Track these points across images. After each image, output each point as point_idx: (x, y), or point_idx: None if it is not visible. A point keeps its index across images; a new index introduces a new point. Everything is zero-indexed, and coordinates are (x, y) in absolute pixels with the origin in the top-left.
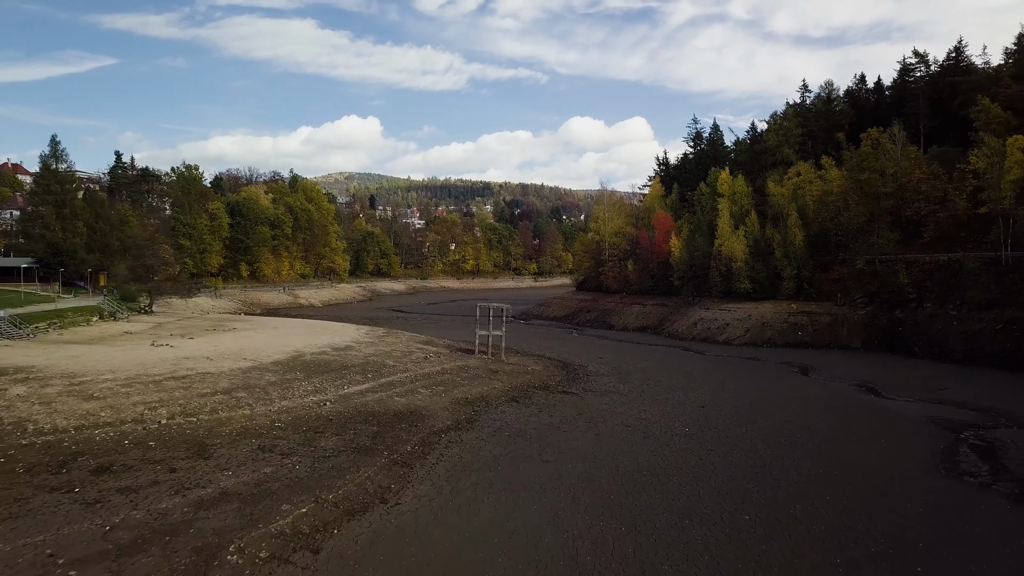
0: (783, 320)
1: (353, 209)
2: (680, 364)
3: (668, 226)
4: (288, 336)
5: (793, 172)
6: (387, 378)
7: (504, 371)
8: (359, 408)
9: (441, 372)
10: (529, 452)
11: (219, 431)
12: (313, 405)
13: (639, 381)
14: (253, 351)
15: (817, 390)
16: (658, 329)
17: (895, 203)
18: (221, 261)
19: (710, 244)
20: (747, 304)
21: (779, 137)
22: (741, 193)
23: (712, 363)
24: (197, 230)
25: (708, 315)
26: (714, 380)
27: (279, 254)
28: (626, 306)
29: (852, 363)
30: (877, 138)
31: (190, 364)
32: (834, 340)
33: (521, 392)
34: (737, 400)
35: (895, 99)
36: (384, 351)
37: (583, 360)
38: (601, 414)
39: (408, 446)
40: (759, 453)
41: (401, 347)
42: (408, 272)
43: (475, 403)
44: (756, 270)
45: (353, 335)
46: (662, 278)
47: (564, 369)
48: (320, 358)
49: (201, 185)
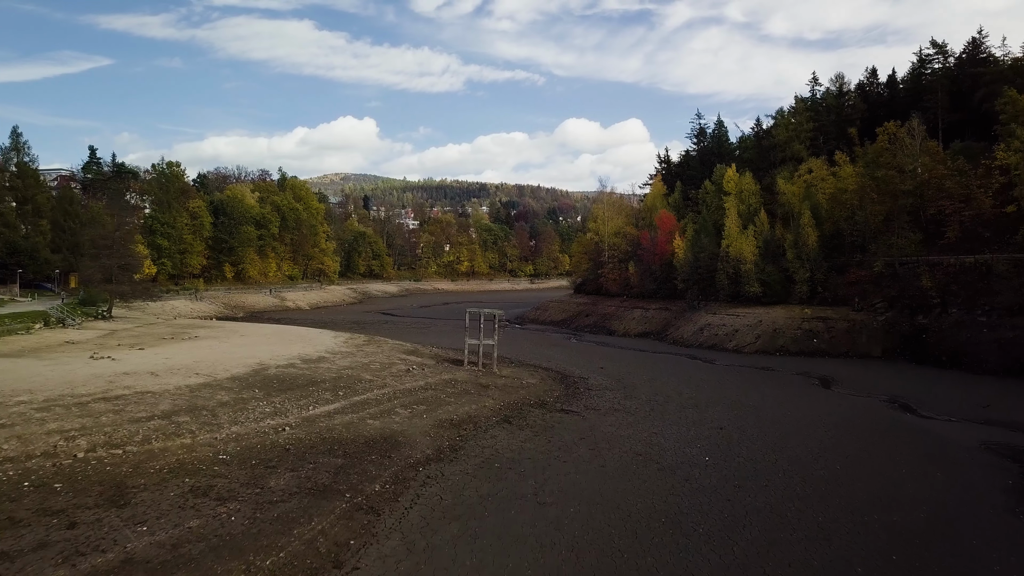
0: (796, 326)
1: (346, 209)
2: (689, 375)
3: (671, 226)
4: (255, 345)
5: (804, 169)
6: (361, 396)
7: (496, 385)
8: (324, 434)
9: (424, 388)
10: (523, 490)
11: (147, 467)
12: (269, 431)
13: (646, 396)
14: (209, 364)
15: (844, 407)
16: (661, 335)
17: (914, 201)
18: (204, 262)
19: (716, 245)
20: (757, 309)
21: (789, 132)
22: (749, 191)
23: (723, 374)
24: (177, 229)
25: (715, 320)
26: (728, 395)
27: (265, 255)
28: (627, 310)
29: (876, 374)
30: (894, 132)
31: (129, 381)
32: (852, 348)
33: (515, 411)
34: (758, 419)
35: (910, 93)
36: (361, 363)
37: (583, 371)
38: (606, 438)
39: (377, 484)
40: (797, 492)
41: (381, 358)
42: (401, 274)
43: (461, 425)
44: (767, 272)
45: (329, 344)
46: (665, 281)
47: (562, 382)
48: (286, 372)
49: (183, 183)
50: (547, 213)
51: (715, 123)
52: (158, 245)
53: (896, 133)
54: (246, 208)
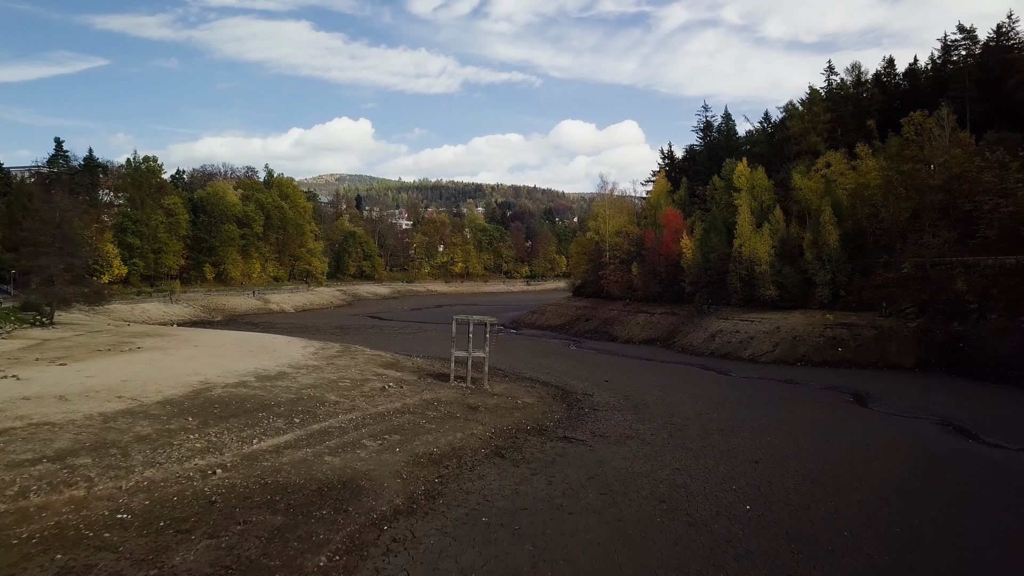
0: (818, 333)
1: (337, 208)
2: (706, 390)
3: (678, 224)
4: (205, 358)
5: (822, 163)
6: (322, 423)
7: (487, 406)
8: (266, 478)
9: (401, 411)
10: (517, 561)
11: (8, 537)
12: (195, 475)
13: (661, 418)
14: (140, 384)
15: (891, 431)
16: (668, 342)
17: (944, 197)
18: (182, 262)
19: (728, 244)
20: (773, 314)
21: (805, 124)
22: (761, 187)
23: (743, 388)
24: (151, 228)
25: (728, 326)
26: (755, 415)
27: (249, 255)
28: (630, 315)
29: (914, 389)
30: (921, 123)
31: (26, 409)
32: (881, 358)
33: (508, 440)
34: (797, 448)
35: (934, 82)
36: (329, 380)
37: (586, 385)
38: (620, 478)
39: (323, 555)
40: (873, 560)
41: (354, 373)
42: (393, 275)
43: (443, 462)
44: (784, 274)
45: (295, 356)
46: (671, 283)
47: (564, 400)
48: (234, 393)
49: (159, 179)
50: (543, 213)
51: (722, 116)
52: (129, 244)
53: (923, 124)
54: (228, 206)
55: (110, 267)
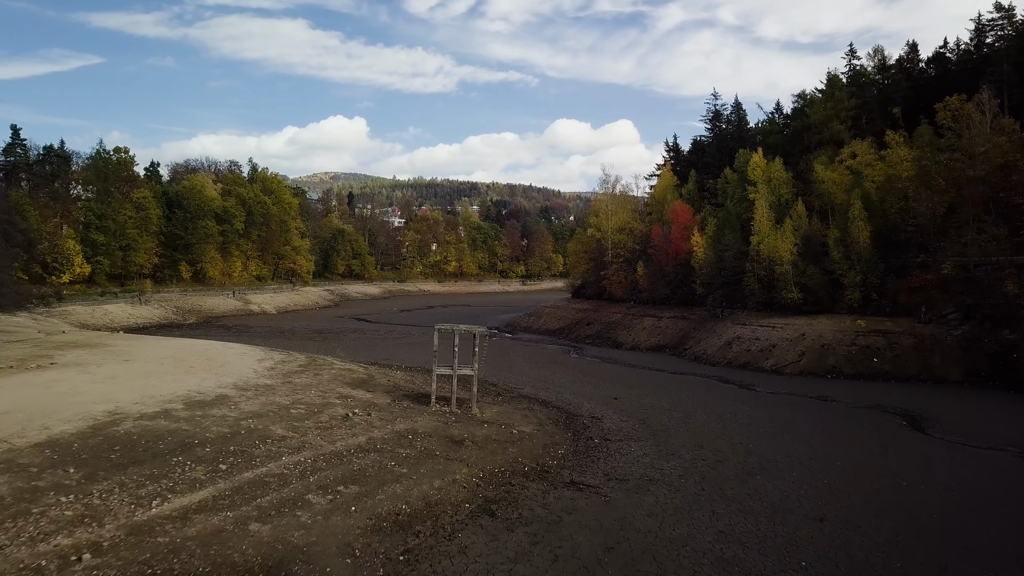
0: (849, 341)
1: (327, 205)
2: (731, 410)
3: (687, 220)
4: (131, 377)
5: (847, 153)
6: (257, 469)
7: (475, 438)
8: (155, 566)
9: (366, 447)
10: None
11: None
12: (48, 564)
13: (687, 450)
14: (23, 417)
15: (970, 468)
16: (679, 349)
17: (985, 190)
18: (155, 260)
19: (744, 242)
20: (797, 319)
21: (827, 110)
22: (779, 180)
23: (773, 407)
24: (118, 223)
25: (746, 333)
26: (798, 445)
27: (229, 253)
28: (636, 318)
29: (970, 409)
30: (959, 108)
31: None
32: (923, 370)
33: (500, 488)
34: (866, 497)
35: (966, 66)
36: (280, 405)
37: (593, 404)
38: (649, 549)
39: None
40: None
41: (314, 394)
42: (384, 274)
43: (412, 526)
44: (808, 275)
45: (247, 371)
46: (680, 284)
47: (569, 426)
48: (149, 428)
49: (130, 171)
50: (540, 211)
51: (732, 105)
52: (93, 240)
53: (961, 109)
54: (205, 200)
55: (71, 265)
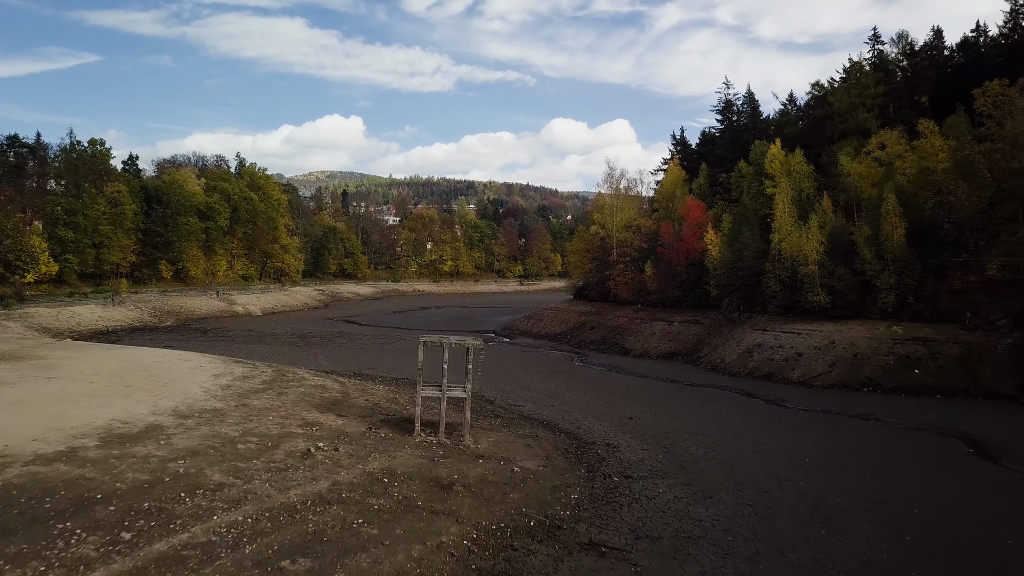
0: (886, 350)
1: (320, 202)
2: (766, 433)
3: (700, 217)
4: (45, 402)
5: (875, 143)
6: (175, 536)
7: (467, 481)
8: None
9: (327, 497)
10: None
11: None
12: None
13: (727, 491)
14: None
15: None
16: (693, 357)
17: None
18: (133, 259)
19: (764, 240)
20: (824, 325)
21: (851, 98)
22: (800, 173)
23: (813, 429)
24: (89, 219)
25: (767, 340)
26: (861, 482)
27: (212, 251)
28: (644, 323)
29: None
30: (1000, 94)
31: None
32: (972, 383)
33: (500, 556)
34: (965, 562)
35: (1003, 52)
36: (226, 437)
37: (606, 426)
38: None
39: None
40: None
41: (271, 421)
42: (378, 274)
43: None
44: (836, 277)
45: (196, 390)
46: (693, 285)
47: (580, 459)
48: (41, 476)
49: (106, 164)
50: (538, 210)
51: (744, 95)
52: (60, 237)
53: (1002, 95)
54: (187, 196)
55: (36, 264)
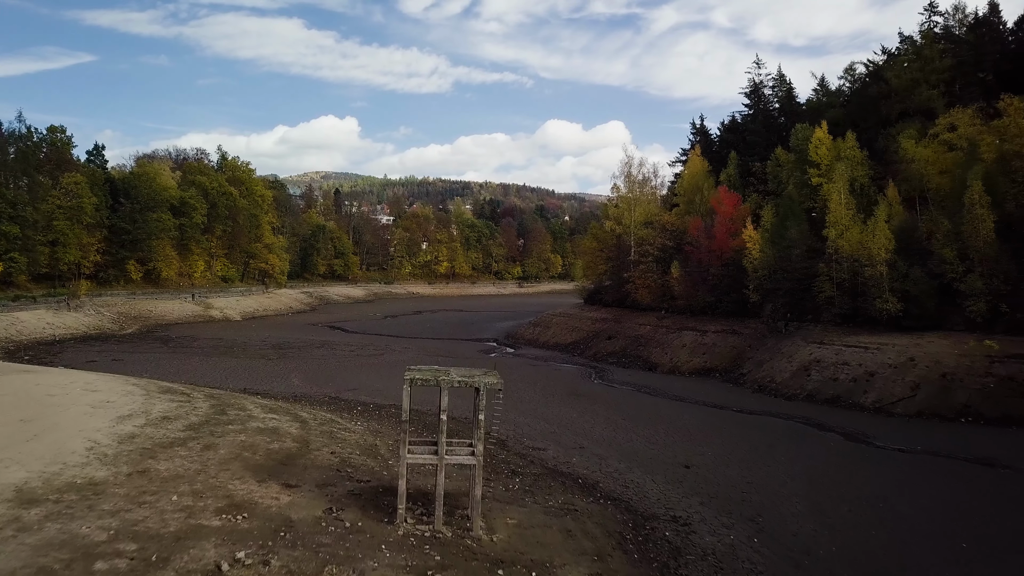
0: (982, 370)
1: (309, 199)
2: (877, 493)
3: (735, 211)
4: None
5: (943, 125)
6: None
7: None
8: None
9: None
10: None
11: None
12: None
13: None
14: None
15: None
16: (734, 374)
17: None
18: (97, 258)
19: (816, 237)
20: (896, 337)
21: (912, 74)
22: (854, 160)
23: (933, 482)
24: (41, 213)
25: (827, 355)
26: None
27: (188, 250)
28: (671, 332)
29: None
30: None
31: None
32: None
33: None
34: None
35: None
36: (83, 545)
37: (661, 484)
38: None
39: None
40: None
41: (174, 504)
42: (370, 275)
43: None
44: (910, 280)
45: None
46: (728, 289)
47: (645, 555)
48: None
49: (67, 154)
50: (536, 210)
51: (775, 76)
52: (3, 232)
53: None
54: (157, 190)
55: None
